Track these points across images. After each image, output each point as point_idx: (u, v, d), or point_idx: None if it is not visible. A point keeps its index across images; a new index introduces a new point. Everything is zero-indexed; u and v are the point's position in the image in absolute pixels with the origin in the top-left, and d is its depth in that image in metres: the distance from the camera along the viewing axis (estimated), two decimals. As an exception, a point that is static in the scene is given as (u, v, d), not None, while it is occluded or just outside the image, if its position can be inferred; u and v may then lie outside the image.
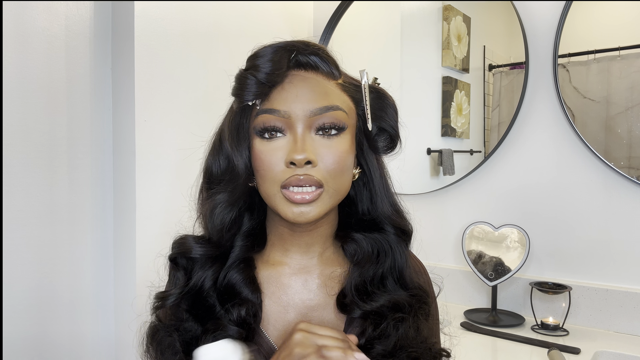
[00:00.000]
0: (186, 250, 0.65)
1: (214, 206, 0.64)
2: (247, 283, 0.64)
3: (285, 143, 0.60)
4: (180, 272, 0.65)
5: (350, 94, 0.64)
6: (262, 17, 1.68)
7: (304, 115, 0.59)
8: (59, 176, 1.24)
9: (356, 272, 0.65)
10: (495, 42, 1.65)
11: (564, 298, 1.39)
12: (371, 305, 0.62)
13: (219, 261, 0.65)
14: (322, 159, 0.60)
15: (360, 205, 0.69)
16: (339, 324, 0.65)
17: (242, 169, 0.62)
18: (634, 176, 1.36)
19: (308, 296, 0.66)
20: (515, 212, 1.53)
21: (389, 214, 0.67)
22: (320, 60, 0.63)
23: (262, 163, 0.60)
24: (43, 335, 1.22)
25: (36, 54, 1.19)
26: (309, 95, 0.60)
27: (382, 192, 0.67)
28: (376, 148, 0.66)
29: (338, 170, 0.60)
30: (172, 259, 0.67)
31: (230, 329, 0.60)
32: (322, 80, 0.62)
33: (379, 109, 0.66)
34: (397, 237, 0.68)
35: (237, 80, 0.61)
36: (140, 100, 1.31)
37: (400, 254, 0.67)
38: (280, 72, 0.60)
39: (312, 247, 0.67)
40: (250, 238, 0.67)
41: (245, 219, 0.67)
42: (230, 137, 0.63)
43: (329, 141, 0.60)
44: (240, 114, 0.63)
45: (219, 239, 0.65)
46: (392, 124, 0.66)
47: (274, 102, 0.60)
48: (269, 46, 0.61)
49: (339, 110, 0.61)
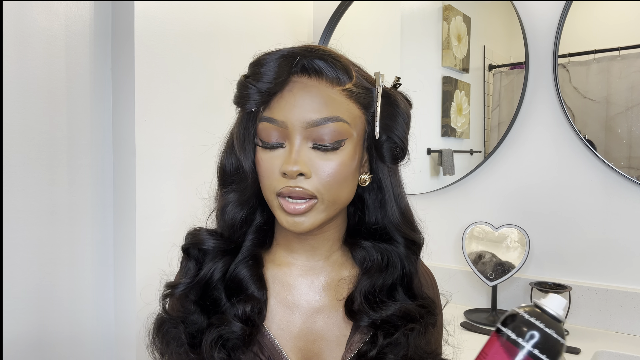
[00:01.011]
0: (199, 241, 0.66)
1: (225, 204, 0.65)
2: (254, 280, 0.64)
3: (282, 152, 0.60)
4: (191, 263, 0.66)
5: (357, 99, 0.61)
6: (262, 17, 1.68)
7: (301, 125, 0.58)
8: (59, 176, 1.24)
9: (365, 280, 0.64)
10: (495, 42, 1.65)
11: (564, 298, 1.39)
12: (381, 314, 0.62)
13: (229, 254, 0.65)
14: (317, 171, 0.59)
15: (372, 210, 0.67)
16: (345, 328, 0.65)
17: (249, 171, 0.62)
18: (634, 176, 1.36)
19: (314, 298, 0.65)
20: (515, 212, 1.53)
21: (399, 223, 0.65)
22: (326, 64, 0.59)
23: (261, 170, 0.61)
24: (43, 335, 1.22)
25: (36, 54, 1.19)
26: (307, 105, 0.58)
27: (392, 200, 0.65)
28: (383, 157, 0.64)
29: (334, 182, 0.59)
30: (185, 249, 0.67)
31: (235, 325, 0.60)
32: (324, 87, 0.59)
33: (389, 117, 0.62)
34: (406, 249, 0.66)
35: (238, 88, 0.61)
36: (140, 100, 1.31)
37: (410, 267, 0.66)
38: (281, 80, 0.58)
39: (318, 250, 0.66)
40: (262, 232, 0.67)
41: (258, 214, 0.67)
42: (237, 141, 0.63)
43: (326, 154, 0.59)
44: (246, 118, 0.63)
45: (230, 235, 0.66)
46: (401, 135, 0.63)
47: (274, 110, 0.59)
48: (271, 53, 0.59)
49: (339, 122, 0.58)
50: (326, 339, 0.64)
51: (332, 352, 0.63)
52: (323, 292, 0.66)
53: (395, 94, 0.64)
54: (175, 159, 1.40)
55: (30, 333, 1.19)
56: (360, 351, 0.62)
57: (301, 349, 0.64)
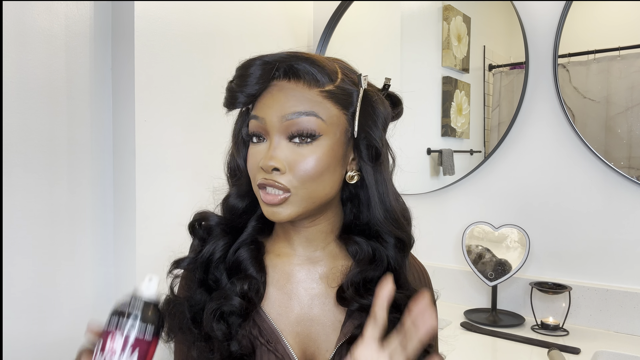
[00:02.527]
0: (204, 217, 0.71)
1: (229, 195, 0.72)
2: (254, 263, 0.68)
3: (263, 148, 0.64)
4: (196, 241, 0.71)
5: (336, 100, 0.64)
6: (262, 17, 1.68)
7: (278, 121, 0.62)
8: (59, 176, 1.24)
9: (356, 270, 0.67)
10: (495, 42, 1.65)
11: (564, 298, 1.39)
12: (369, 299, 0.64)
13: (232, 235, 0.70)
14: (291, 166, 0.62)
15: (363, 209, 0.69)
16: (340, 314, 0.68)
17: (242, 167, 0.69)
18: (634, 176, 1.36)
19: (311, 286, 0.69)
20: (515, 212, 1.53)
21: (382, 222, 0.67)
22: (305, 68, 0.63)
23: (248, 164, 0.66)
24: (43, 335, 1.22)
25: (36, 54, 1.19)
26: (283, 102, 0.62)
27: (376, 198, 0.67)
28: (362, 156, 0.66)
29: (307, 177, 0.62)
30: (191, 225, 0.72)
31: (234, 299, 0.64)
32: (301, 88, 0.63)
33: (367, 117, 0.65)
34: (394, 248, 0.68)
35: (226, 91, 0.66)
36: (140, 100, 1.31)
37: (396, 264, 0.68)
38: (263, 84, 0.64)
39: (314, 242, 0.70)
40: (262, 220, 0.71)
41: (259, 205, 0.71)
42: (233, 140, 0.71)
43: (301, 149, 0.62)
44: (240, 119, 0.70)
45: (232, 218, 0.71)
46: (378, 135, 0.65)
47: (257, 108, 0.65)
48: (255, 59, 0.64)
49: (313, 117, 0.62)
50: (322, 324, 0.68)
51: (327, 336, 0.67)
52: (319, 281, 0.69)
53: (375, 96, 0.66)
54: (175, 159, 1.40)
55: (30, 333, 1.19)
56: (352, 335, 0.65)
57: (298, 334, 0.67)
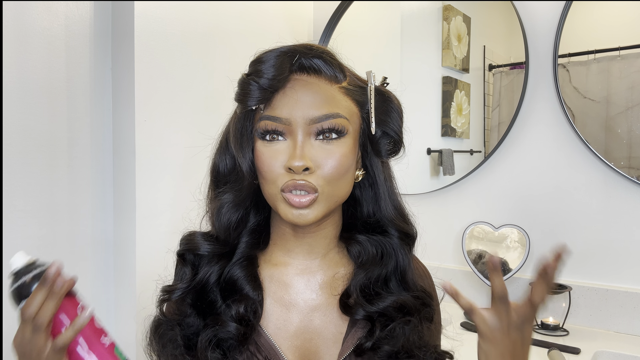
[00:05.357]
0: (194, 247, 0.66)
1: (221, 206, 0.65)
2: (248, 280, 0.65)
3: (285, 147, 0.61)
4: (187, 268, 0.67)
5: (353, 97, 0.64)
6: (262, 17, 1.68)
7: (304, 122, 0.60)
8: (59, 176, 1.24)
9: (361, 273, 0.65)
10: (495, 42, 1.65)
11: (564, 298, 1.39)
12: (377, 306, 0.63)
13: (225, 258, 0.66)
14: (320, 165, 0.60)
15: (365, 206, 0.69)
16: (342, 325, 0.65)
17: (246, 171, 0.63)
18: (634, 176, 1.36)
19: (310, 296, 0.66)
20: (515, 212, 1.53)
21: (393, 217, 0.67)
22: (324, 63, 0.62)
23: (264, 165, 0.61)
24: (43, 335, 1.22)
25: (36, 54, 1.19)
26: (310, 101, 0.60)
27: (385, 194, 0.67)
28: (379, 152, 0.66)
29: (335, 176, 0.61)
30: (180, 254, 0.68)
31: (230, 325, 0.61)
32: (324, 84, 0.62)
33: (384, 112, 0.65)
34: (400, 241, 0.68)
35: (240, 85, 0.62)
36: (140, 100, 1.31)
37: (404, 257, 0.67)
38: (282, 77, 0.60)
39: (315, 249, 0.67)
40: (256, 234, 0.68)
41: (252, 216, 0.68)
42: (234, 140, 0.64)
43: (328, 146, 0.61)
44: (244, 117, 0.64)
45: (225, 237, 0.66)
46: (396, 128, 0.66)
47: (276, 108, 0.61)
48: (272, 51, 0.61)
49: (339, 118, 0.61)
50: (323, 336, 0.65)
51: (329, 349, 0.64)
52: (319, 291, 0.66)
53: (386, 91, 0.67)
54: (175, 159, 1.40)
55: (30, 333, 1.19)
56: (357, 346, 0.62)
57: (298, 348, 0.64)
